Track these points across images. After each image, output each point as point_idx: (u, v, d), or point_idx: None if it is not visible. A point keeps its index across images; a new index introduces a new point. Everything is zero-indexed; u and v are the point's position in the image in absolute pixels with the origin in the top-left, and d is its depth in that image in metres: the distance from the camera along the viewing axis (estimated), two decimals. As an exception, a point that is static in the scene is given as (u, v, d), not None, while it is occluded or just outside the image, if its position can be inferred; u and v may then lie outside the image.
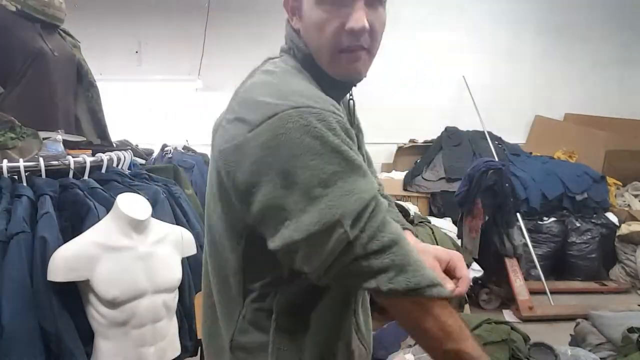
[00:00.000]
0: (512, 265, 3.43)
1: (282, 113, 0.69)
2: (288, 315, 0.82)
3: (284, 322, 0.81)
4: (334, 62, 0.81)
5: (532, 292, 3.46)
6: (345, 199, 0.68)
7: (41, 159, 1.51)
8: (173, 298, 1.55)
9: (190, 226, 1.80)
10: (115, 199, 1.45)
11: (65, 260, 1.31)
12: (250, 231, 0.77)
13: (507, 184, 3.43)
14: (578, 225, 4.08)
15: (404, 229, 0.89)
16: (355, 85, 0.88)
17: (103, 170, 1.72)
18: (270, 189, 0.69)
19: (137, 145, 3.79)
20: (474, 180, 3.38)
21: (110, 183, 1.66)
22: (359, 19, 0.77)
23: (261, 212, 0.71)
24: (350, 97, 0.96)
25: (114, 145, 2.18)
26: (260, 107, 0.72)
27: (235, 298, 0.84)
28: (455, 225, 3.82)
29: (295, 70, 0.83)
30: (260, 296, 0.82)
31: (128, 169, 1.91)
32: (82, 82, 2.05)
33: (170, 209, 1.77)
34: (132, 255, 1.42)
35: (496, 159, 4.07)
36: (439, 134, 4.82)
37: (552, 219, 4.10)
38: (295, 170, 0.68)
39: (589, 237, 4.05)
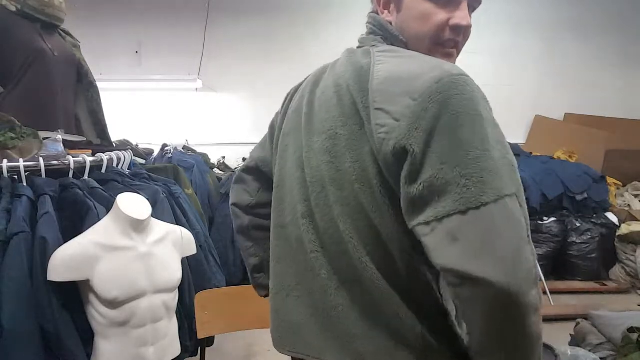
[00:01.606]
0: (512, 265, 3.42)
1: (446, 78, 0.72)
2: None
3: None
4: (432, 52, 0.86)
5: (532, 292, 3.46)
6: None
7: (41, 159, 1.51)
8: (173, 298, 1.55)
9: (190, 226, 1.80)
10: (115, 199, 1.45)
11: (65, 260, 1.31)
12: None
13: (507, 184, 3.42)
14: (578, 225, 4.07)
15: None
16: None
17: (103, 170, 1.72)
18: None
19: (137, 145, 3.79)
20: (474, 180, 3.37)
21: (110, 183, 1.66)
22: (465, 17, 0.85)
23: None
24: None
25: (114, 145, 2.19)
26: (419, 77, 0.73)
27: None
28: (455, 225, 3.81)
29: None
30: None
31: (128, 169, 1.91)
32: (82, 82, 2.05)
33: (170, 209, 1.77)
34: (132, 255, 1.42)
35: (496, 159, 4.05)
36: (439, 134, 4.82)
37: (552, 219, 4.10)
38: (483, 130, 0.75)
39: (589, 237, 4.04)
